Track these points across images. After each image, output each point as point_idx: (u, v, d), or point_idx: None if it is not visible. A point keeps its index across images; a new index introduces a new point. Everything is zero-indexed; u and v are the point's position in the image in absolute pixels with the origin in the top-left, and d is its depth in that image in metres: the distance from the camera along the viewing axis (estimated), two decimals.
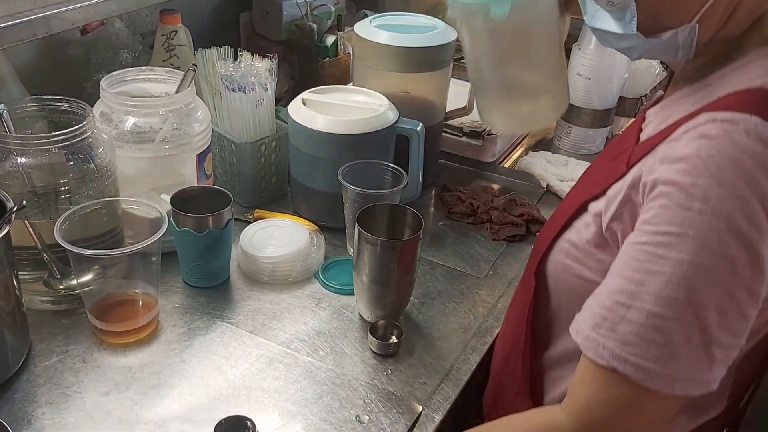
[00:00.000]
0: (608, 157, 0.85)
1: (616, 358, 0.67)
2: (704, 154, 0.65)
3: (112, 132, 1.10)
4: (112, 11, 1.23)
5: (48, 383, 0.94)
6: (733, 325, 0.65)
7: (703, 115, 0.68)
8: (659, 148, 0.71)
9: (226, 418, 0.88)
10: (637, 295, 0.66)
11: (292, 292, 1.15)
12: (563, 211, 0.86)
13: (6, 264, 0.91)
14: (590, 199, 0.80)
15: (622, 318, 0.67)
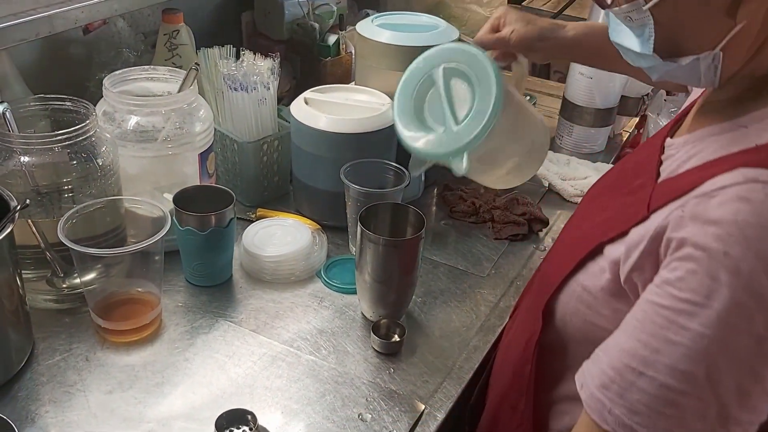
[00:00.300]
0: (620, 190, 0.80)
1: (621, 425, 0.64)
2: (742, 221, 0.60)
3: (114, 131, 1.10)
4: (115, 10, 1.23)
5: (51, 382, 0.94)
6: (755, 403, 0.61)
7: (740, 171, 0.62)
8: (688, 200, 0.65)
9: (226, 411, 0.88)
10: (651, 363, 0.63)
11: (295, 291, 1.15)
12: (574, 247, 0.81)
13: (9, 263, 0.91)
14: (606, 241, 0.75)
15: (632, 384, 0.64)
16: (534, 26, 1.06)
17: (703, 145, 0.71)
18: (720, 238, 0.60)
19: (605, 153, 1.70)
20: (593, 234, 0.77)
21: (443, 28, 1.39)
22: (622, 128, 1.80)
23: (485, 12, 2.13)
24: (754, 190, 0.60)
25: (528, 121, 1.02)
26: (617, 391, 0.64)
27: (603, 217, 0.79)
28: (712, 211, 0.62)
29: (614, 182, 0.86)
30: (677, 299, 0.62)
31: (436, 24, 1.40)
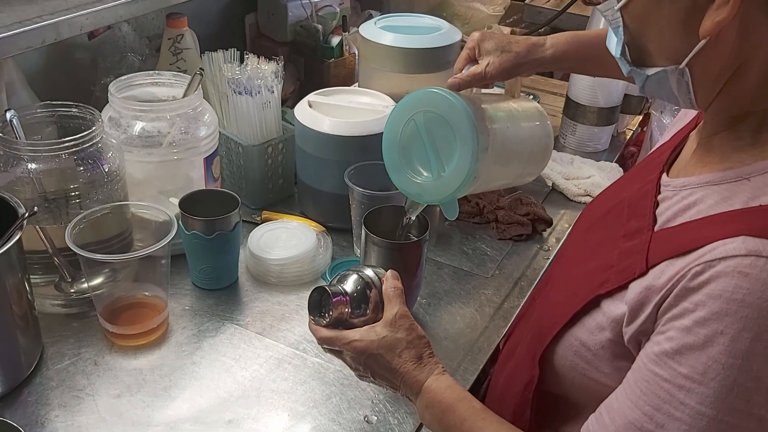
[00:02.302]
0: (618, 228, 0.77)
1: None
2: (739, 299, 0.58)
3: (120, 137, 1.11)
4: (120, 16, 1.23)
5: (60, 386, 0.95)
6: None
7: (742, 240, 0.60)
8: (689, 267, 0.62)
9: (310, 296, 0.87)
10: None
11: (300, 293, 1.16)
12: (569, 295, 0.78)
13: (18, 268, 0.92)
14: (603, 294, 0.72)
15: None
16: (509, 54, 1.04)
17: (702, 194, 0.68)
18: (718, 316, 0.59)
19: (609, 152, 1.70)
20: (588, 283, 0.75)
21: (446, 29, 1.39)
22: (625, 127, 1.80)
23: (488, 10, 2.13)
24: (755, 266, 0.58)
25: (521, 138, 1.01)
26: None
27: (598, 264, 0.77)
28: (711, 285, 0.60)
29: (609, 216, 0.83)
30: (676, 373, 0.62)
31: (439, 26, 1.41)
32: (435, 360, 0.83)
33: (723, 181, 0.67)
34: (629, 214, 0.77)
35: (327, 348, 0.87)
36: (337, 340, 0.84)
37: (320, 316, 0.87)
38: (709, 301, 0.60)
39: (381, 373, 0.83)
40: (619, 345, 0.71)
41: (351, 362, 0.85)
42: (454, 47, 1.38)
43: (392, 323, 0.83)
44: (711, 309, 0.59)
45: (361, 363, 0.83)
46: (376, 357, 0.82)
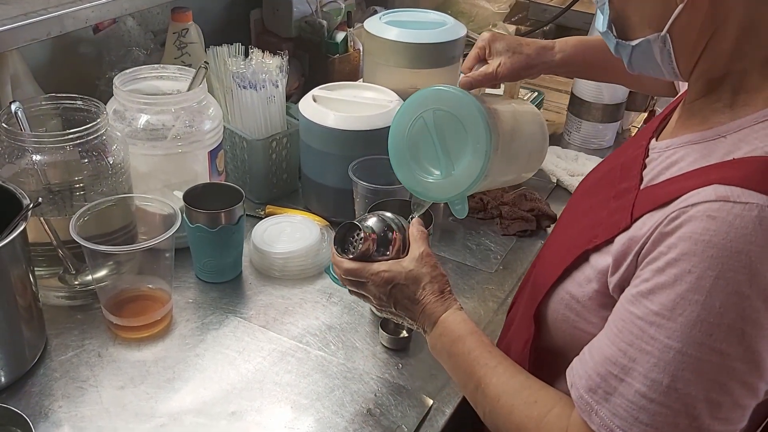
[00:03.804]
0: (609, 191, 0.81)
1: (605, 427, 0.67)
2: (706, 240, 0.61)
3: (125, 129, 1.11)
4: (125, 10, 1.24)
5: (64, 377, 0.96)
6: (727, 415, 0.63)
7: (714, 188, 0.63)
8: (665, 215, 0.66)
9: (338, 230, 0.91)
10: (629, 370, 0.66)
11: (304, 287, 1.16)
12: (561, 253, 0.82)
13: (23, 260, 0.93)
14: (591, 249, 0.76)
15: (615, 390, 0.67)
16: (520, 55, 1.06)
17: (683, 153, 0.72)
18: (686, 256, 0.62)
19: (613, 148, 1.70)
20: (579, 240, 0.79)
21: (451, 25, 1.39)
22: (630, 124, 1.80)
23: (493, 8, 2.13)
24: (723, 210, 0.62)
25: (524, 138, 1.02)
26: (602, 395, 0.68)
27: (588, 222, 0.80)
28: (683, 228, 0.63)
29: (602, 181, 0.87)
30: (648, 311, 0.65)
31: (444, 21, 1.41)
32: (454, 297, 0.88)
33: (702, 140, 0.71)
34: (620, 178, 0.80)
35: (350, 280, 0.90)
36: (364, 271, 0.88)
37: (344, 251, 0.90)
38: (680, 242, 0.63)
39: (404, 303, 0.87)
40: (606, 296, 0.74)
41: (375, 292, 0.88)
42: (459, 42, 1.38)
43: (419, 259, 0.87)
44: (681, 250, 0.63)
45: (385, 293, 0.87)
46: (402, 287, 0.86)
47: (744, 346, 0.61)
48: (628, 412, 0.65)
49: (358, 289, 0.90)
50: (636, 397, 0.65)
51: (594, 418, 0.68)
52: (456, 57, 1.39)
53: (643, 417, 0.65)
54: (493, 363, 0.80)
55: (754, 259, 0.60)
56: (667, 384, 0.63)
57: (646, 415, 0.64)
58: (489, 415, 0.80)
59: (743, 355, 0.62)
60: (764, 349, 0.62)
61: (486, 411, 0.80)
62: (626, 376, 0.66)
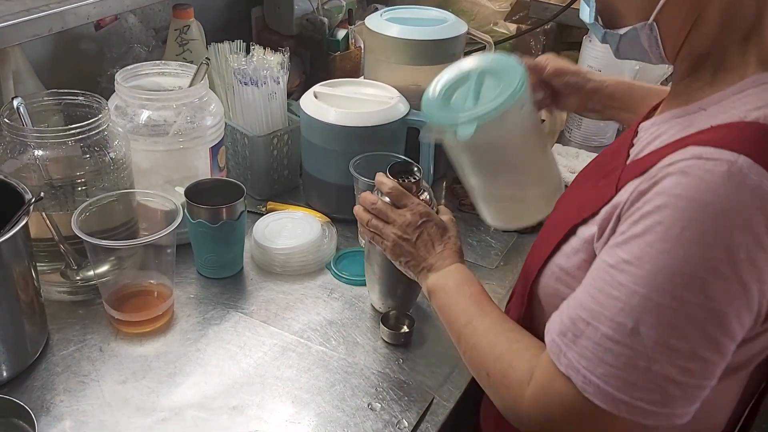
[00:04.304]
0: (599, 173, 0.84)
1: (571, 367, 0.70)
2: (677, 194, 0.64)
3: (126, 125, 1.12)
4: (126, 6, 1.24)
5: (66, 372, 0.96)
6: (685, 364, 0.65)
7: (689, 149, 0.66)
8: (645, 176, 0.69)
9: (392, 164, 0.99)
10: (596, 315, 0.69)
11: (305, 282, 1.16)
12: (553, 231, 0.85)
13: (25, 255, 0.93)
14: (579, 223, 0.79)
15: (582, 333, 0.69)
16: (571, 65, 1.11)
17: (666, 127, 0.76)
18: (658, 209, 0.66)
19: None
20: (569, 217, 0.82)
21: (452, 22, 1.39)
22: None
23: (494, 6, 2.13)
24: (695, 166, 0.64)
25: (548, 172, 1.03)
26: (571, 338, 0.71)
27: (578, 202, 0.84)
28: (658, 185, 0.67)
29: (594, 166, 0.91)
30: (619, 259, 0.68)
31: (445, 18, 1.41)
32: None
33: (684, 114, 0.74)
34: (610, 159, 0.84)
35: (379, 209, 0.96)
36: (408, 196, 0.96)
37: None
38: (655, 197, 0.66)
39: (427, 239, 0.93)
40: (591, 263, 0.75)
41: (409, 218, 0.94)
42: (460, 39, 1.38)
43: (450, 220, 0.98)
44: (655, 203, 0.66)
45: (415, 223, 0.94)
46: (433, 225, 0.94)
47: (704, 294, 0.64)
48: (594, 353, 0.68)
49: (388, 214, 0.95)
50: (602, 340, 0.68)
51: (562, 360, 0.71)
52: (457, 54, 1.39)
53: (607, 358, 0.67)
54: (490, 308, 0.86)
55: (720, 212, 0.63)
56: (631, 327, 0.66)
57: (611, 357, 0.67)
58: (472, 349, 0.83)
59: (703, 303, 0.64)
60: (725, 300, 0.64)
61: (470, 344, 0.83)
62: (594, 320, 0.69)
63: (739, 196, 0.63)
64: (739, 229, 0.62)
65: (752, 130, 0.66)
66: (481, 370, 0.81)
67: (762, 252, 0.63)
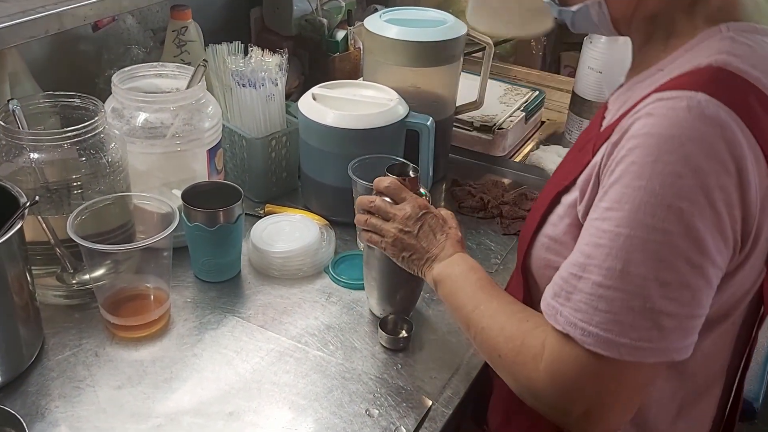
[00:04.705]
0: (576, 148, 0.88)
1: (568, 323, 0.71)
2: (645, 133, 0.69)
3: (123, 128, 1.11)
4: (124, 7, 1.23)
5: (61, 377, 0.95)
6: (677, 295, 0.68)
7: (652, 96, 0.71)
8: (616, 132, 0.73)
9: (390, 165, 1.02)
10: (586, 267, 0.71)
11: (303, 286, 1.16)
12: (539, 207, 0.88)
13: (20, 259, 0.92)
14: (561, 191, 0.83)
15: (575, 288, 0.71)
16: None
17: (630, 93, 0.82)
18: (630, 151, 0.69)
19: None
20: (551, 189, 0.86)
21: (452, 23, 1.38)
22: None
23: None
24: (658, 107, 0.69)
25: None
26: (565, 296, 0.73)
27: (558, 176, 0.88)
28: (628, 132, 0.71)
29: (575, 146, 0.94)
30: (602, 209, 0.71)
31: (444, 19, 1.40)
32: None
33: (645, 78, 0.80)
34: (585, 134, 0.89)
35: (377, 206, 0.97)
36: (407, 191, 0.97)
37: None
38: (626, 142, 0.70)
39: (428, 230, 0.95)
40: (578, 227, 0.79)
41: (409, 211, 0.95)
42: (460, 41, 1.37)
43: (450, 214, 1.00)
44: (627, 147, 0.70)
45: (416, 216, 0.95)
46: (434, 217, 0.96)
47: (684, 223, 0.66)
48: (588, 304, 0.70)
49: (387, 210, 0.96)
50: (593, 288, 0.69)
51: (559, 319, 0.72)
52: (456, 55, 1.39)
53: (601, 305, 0.69)
54: (497, 292, 0.87)
55: (686, 142, 0.66)
56: (620, 269, 0.68)
57: (605, 303, 0.69)
58: (482, 332, 0.83)
59: (684, 231, 0.67)
60: (702, 226, 0.67)
61: (480, 328, 0.84)
62: (584, 272, 0.71)
63: (701, 127, 0.67)
64: (706, 157, 0.66)
65: (706, 72, 0.71)
66: (493, 352, 0.81)
67: (728, 177, 0.67)
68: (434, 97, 1.40)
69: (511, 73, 2.01)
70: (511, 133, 1.61)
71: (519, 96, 1.74)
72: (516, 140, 1.67)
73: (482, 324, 0.83)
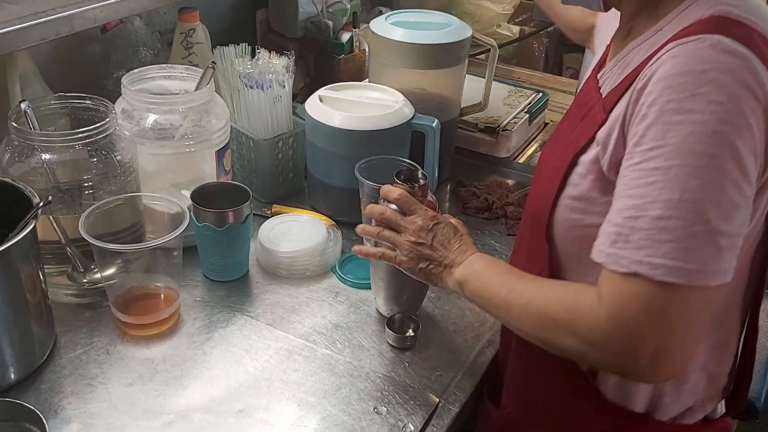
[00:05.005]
0: (575, 121, 0.90)
1: (633, 262, 0.72)
2: (674, 73, 0.72)
3: (133, 129, 1.12)
4: (132, 10, 1.24)
5: (73, 374, 0.96)
6: (728, 213, 0.71)
7: (669, 44, 0.74)
8: (633, 86, 0.76)
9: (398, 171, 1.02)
10: (641, 206, 0.72)
11: (310, 286, 1.17)
12: (552, 174, 0.89)
13: (32, 258, 0.93)
14: (579, 152, 0.85)
15: (633, 229, 0.72)
16: None
17: (630, 57, 0.83)
18: (663, 91, 0.72)
19: None
20: (566, 154, 0.87)
21: (456, 25, 1.39)
22: None
23: (497, 8, 2.14)
24: (682, 49, 0.73)
25: None
26: (623, 240, 0.73)
27: (569, 139, 0.89)
28: (653, 77, 0.73)
29: (563, 125, 0.97)
30: (644, 151, 0.73)
31: (449, 21, 1.41)
32: None
33: (643, 41, 0.83)
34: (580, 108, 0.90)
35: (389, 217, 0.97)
36: (416, 203, 0.98)
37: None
38: (656, 85, 0.73)
39: (443, 239, 0.95)
40: (603, 180, 0.81)
41: (420, 223, 0.95)
42: (465, 43, 1.38)
43: (457, 221, 1.00)
44: (657, 89, 0.72)
45: (428, 226, 0.95)
46: (445, 226, 0.96)
47: (728, 146, 0.70)
48: (650, 239, 0.71)
49: (399, 223, 0.96)
50: (653, 223, 0.71)
51: (622, 262, 0.73)
52: (461, 58, 1.40)
53: (665, 236, 0.70)
54: (525, 273, 0.88)
55: (717, 74, 0.70)
56: (678, 198, 0.70)
57: (668, 234, 0.70)
58: (526, 307, 0.83)
59: (730, 154, 0.70)
60: (742, 147, 0.70)
61: (523, 304, 0.83)
62: (640, 212, 0.72)
63: (727, 60, 0.71)
64: (737, 84, 0.70)
65: (713, 20, 0.75)
66: (546, 321, 0.80)
67: (757, 102, 0.71)
68: (439, 98, 1.41)
69: (514, 75, 2.02)
70: (515, 134, 1.62)
71: (523, 98, 1.75)
72: (520, 141, 1.68)
73: (524, 300, 0.83)
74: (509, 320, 0.86)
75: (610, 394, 0.89)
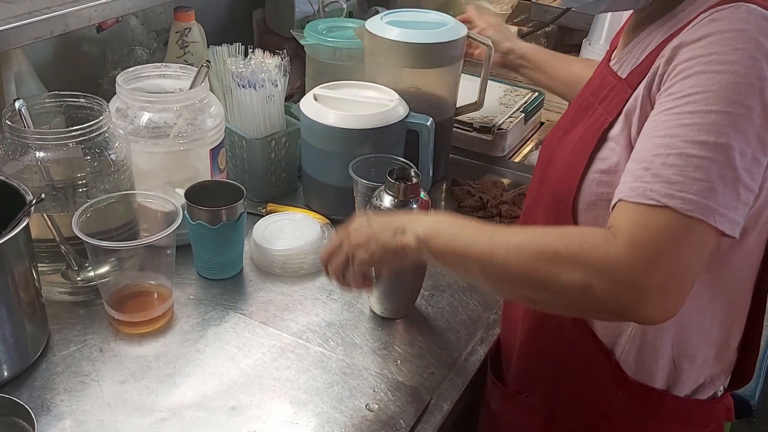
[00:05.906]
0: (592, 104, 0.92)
1: (664, 195, 0.72)
2: (716, 30, 0.75)
3: (127, 127, 1.13)
4: (128, 9, 1.25)
5: (66, 372, 0.97)
6: (750, 166, 0.73)
7: (705, 12, 0.77)
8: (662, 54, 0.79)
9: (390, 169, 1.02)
10: (674, 145, 0.73)
11: (304, 284, 1.17)
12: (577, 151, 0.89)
13: (26, 256, 0.94)
14: (607, 128, 0.86)
15: (664, 164, 0.73)
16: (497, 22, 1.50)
17: (649, 39, 0.86)
18: (704, 47, 0.75)
19: None
20: (592, 133, 0.88)
21: (452, 25, 1.40)
22: None
23: (495, 9, 2.14)
24: (720, 14, 0.76)
25: None
26: (653, 173, 0.74)
27: (589, 122, 0.90)
28: (690, 36, 0.77)
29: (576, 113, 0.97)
30: (680, 97, 0.75)
31: (445, 21, 1.42)
32: None
33: (661, 24, 0.85)
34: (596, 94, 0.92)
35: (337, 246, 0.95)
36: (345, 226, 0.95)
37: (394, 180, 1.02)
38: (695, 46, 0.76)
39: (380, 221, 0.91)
40: (631, 148, 0.82)
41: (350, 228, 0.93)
42: (460, 42, 1.38)
43: None
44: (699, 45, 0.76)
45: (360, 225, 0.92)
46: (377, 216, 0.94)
47: (762, 101, 0.73)
48: (684, 175, 0.72)
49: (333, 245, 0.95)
50: (688, 161, 0.72)
51: (650, 194, 0.73)
52: (457, 57, 1.40)
53: (699, 175, 0.72)
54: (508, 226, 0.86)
55: (756, 33, 0.74)
56: (714, 141, 0.72)
57: (701, 173, 0.72)
58: (516, 247, 0.77)
59: (761, 109, 0.73)
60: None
61: (511, 246, 0.77)
62: (674, 149, 0.73)
63: (764, 23, 0.75)
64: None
65: None
66: (545, 255, 0.75)
67: None
68: (435, 98, 1.41)
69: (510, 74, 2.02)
70: (511, 133, 1.62)
71: (518, 97, 1.76)
72: (515, 141, 1.68)
73: (513, 241, 0.78)
74: (489, 269, 0.79)
75: (630, 371, 0.90)
